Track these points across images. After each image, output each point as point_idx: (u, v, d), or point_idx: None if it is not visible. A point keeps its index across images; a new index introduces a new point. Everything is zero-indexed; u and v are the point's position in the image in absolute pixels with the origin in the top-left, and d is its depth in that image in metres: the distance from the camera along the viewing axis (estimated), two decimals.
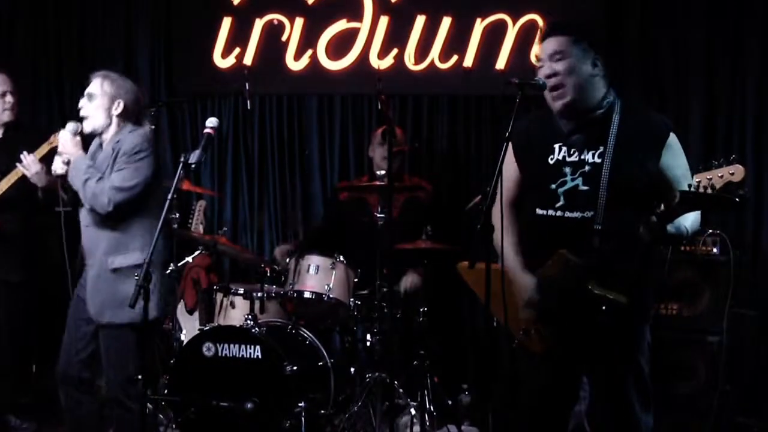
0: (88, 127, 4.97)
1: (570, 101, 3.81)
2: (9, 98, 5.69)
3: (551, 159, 3.89)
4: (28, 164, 5.27)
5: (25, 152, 5.30)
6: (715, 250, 5.92)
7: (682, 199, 3.43)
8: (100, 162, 4.92)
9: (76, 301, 5.03)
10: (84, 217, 4.97)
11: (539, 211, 3.89)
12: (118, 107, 4.95)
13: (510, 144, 3.81)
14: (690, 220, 3.73)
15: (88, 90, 5.01)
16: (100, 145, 5.04)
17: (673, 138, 3.82)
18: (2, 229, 5.60)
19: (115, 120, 4.96)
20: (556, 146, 3.89)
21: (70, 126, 4.96)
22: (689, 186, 3.40)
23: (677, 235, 3.72)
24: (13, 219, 5.65)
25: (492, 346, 5.62)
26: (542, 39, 3.89)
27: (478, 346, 6.83)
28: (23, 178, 5.34)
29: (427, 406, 5.86)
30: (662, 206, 3.51)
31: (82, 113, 4.98)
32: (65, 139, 4.95)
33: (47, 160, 5.21)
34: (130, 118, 4.98)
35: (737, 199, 3.38)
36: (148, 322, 4.41)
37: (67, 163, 4.91)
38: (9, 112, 5.69)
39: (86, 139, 5.04)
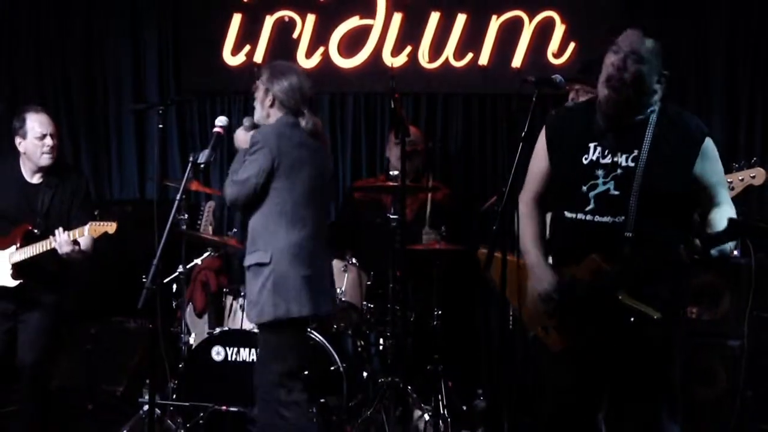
0: (255, 120, 4.95)
1: (618, 103, 3.68)
2: (48, 141, 5.44)
3: (585, 159, 3.79)
4: (61, 243, 5.23)
5: (60, 229, 5.24)
6: (736, 253, 5.86)
7: (732, 227, 3.40)
8: None
9: None
10: None
11: (568, 215, 3.81)
12: (269, 99, 4.85)
13: (543, 136, 3.82)
14: None
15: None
16: None
17: (708, 143, 3.74)
18: (28, 289, 5.46)
19: (270, 112, 4.87)
20: (591, 145, 3.80)
21: (246, 121, 5.00)
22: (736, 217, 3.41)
23: (721, 257, 3.64)
24: (40, 282, 5.45)
25: (507, 350, 5.58)
26: (628, 25, 3.76)
27: (493, 349, 6.83)
28: (53, 249, 5.29)
29: (441, 411, 5.85)
30: (711, 223, 3.51)
31: None
32: (238, 131, 4.99)
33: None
34: (285, 109, 4.84)
35: None
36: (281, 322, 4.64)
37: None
38: (48, 156, 5.44)
39: None
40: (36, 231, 5.38)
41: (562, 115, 3.92)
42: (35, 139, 5.43)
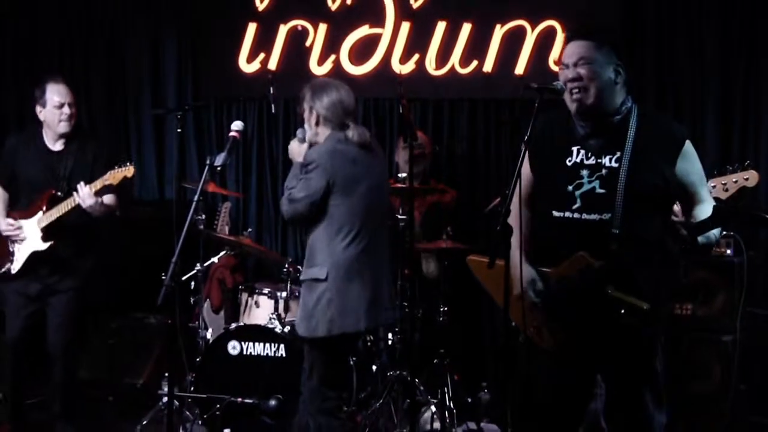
0: (307, 138, 5.00)
1: (590, 105, 3.80)
2: (66, 109, 5.62)
3: (569, 161, 3.88)
4: (83, 197, 5.40)
5: (82, 183, 5.41)
6: (728, 251, 5.94)
7: (717, 214, 3.47)
8: None
9: None
10: None
11: (556, 214, 3.88)
12: (314, 117, 4.91)
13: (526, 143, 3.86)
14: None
15: None
16: None
17: (688, 145, 3.83)
18: (58, 253, 5.61)
19: (318, 131, 4.92)
20: (574, 149, 3.89)
21: (299, 133, 5.05)
22: (717, 200, 3.46)
23: (707, 244, 3.76)
24: (69, 244, 5.64)
25: (511, 344, 5.68)
26: (566, 42, 3.91)
27: (498, 344, 6.85)
28: (78, 206, 5.45)
29: (447, 403, 5.94)
30: (694, 219, 3.57)
31: None
32: (292, 144, 5.07)
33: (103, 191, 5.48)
34: (330, 125, 4.90)
35: None
36: (318, 337, 4.73)
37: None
38: (66, 123, 5.63)
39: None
40: (59, 194, 5.55)
41: (542, 122, 3.95)
42: (54, 107, 5.60)
